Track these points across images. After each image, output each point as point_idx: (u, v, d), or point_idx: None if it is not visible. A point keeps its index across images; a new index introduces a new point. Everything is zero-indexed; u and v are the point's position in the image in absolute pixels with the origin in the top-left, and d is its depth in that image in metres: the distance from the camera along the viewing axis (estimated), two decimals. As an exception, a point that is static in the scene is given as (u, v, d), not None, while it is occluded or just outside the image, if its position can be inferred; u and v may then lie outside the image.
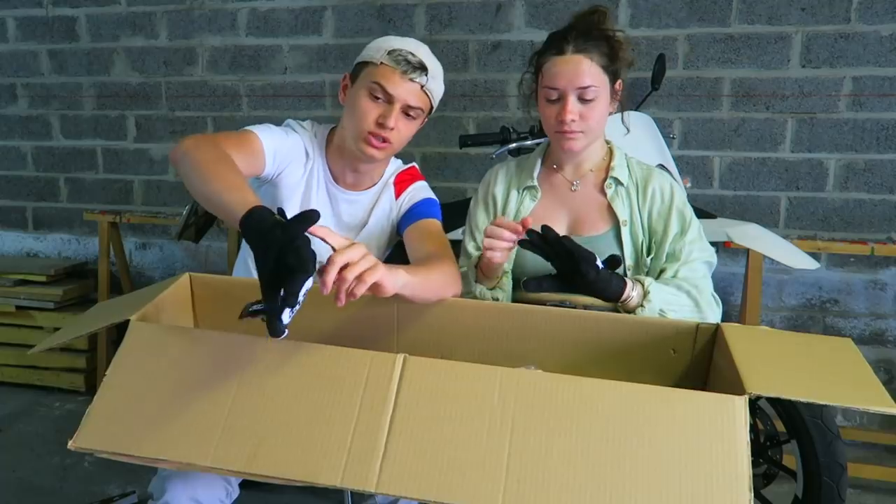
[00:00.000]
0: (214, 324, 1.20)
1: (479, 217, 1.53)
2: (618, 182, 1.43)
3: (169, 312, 1.18)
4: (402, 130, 1.38)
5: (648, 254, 1.39)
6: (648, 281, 1.31)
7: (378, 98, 1.34)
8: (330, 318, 1.19)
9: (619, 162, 1.45)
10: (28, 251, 3.43)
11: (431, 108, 1.43)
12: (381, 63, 1.34)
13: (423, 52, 1.37)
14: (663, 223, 1.39)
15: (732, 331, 1.08)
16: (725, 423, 0.87)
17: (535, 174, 1.48)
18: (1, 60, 3.27)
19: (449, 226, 2.04)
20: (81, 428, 0.95)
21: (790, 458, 1.74)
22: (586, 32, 1.34)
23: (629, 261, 1.39)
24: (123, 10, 3.08)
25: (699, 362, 1.14)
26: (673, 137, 2.60)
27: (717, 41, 2.55)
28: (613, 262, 1.29)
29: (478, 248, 1.49)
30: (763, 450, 1.83)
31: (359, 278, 0.95)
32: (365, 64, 1.37)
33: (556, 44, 1.35)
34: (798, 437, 1.68)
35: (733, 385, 0.93)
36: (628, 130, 1.81)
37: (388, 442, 0.90)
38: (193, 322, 1.27)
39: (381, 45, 1.36)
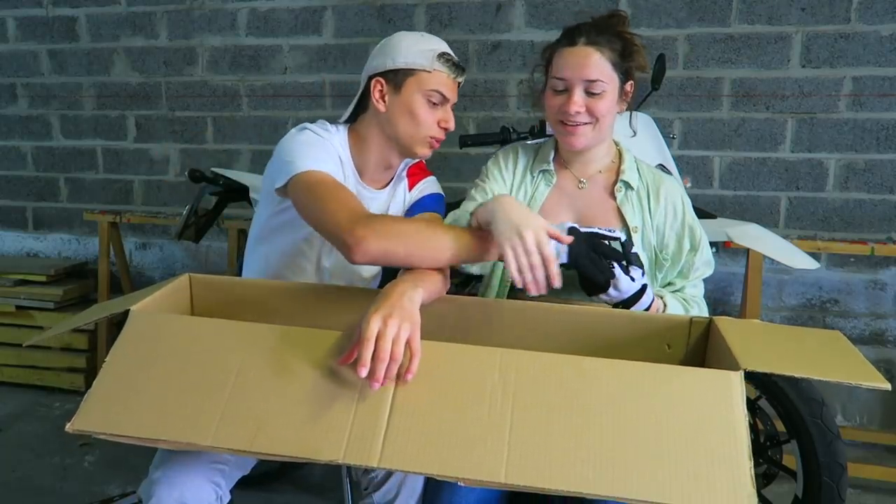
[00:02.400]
0: (214, 321, 1.20)
1: (494, 177, 1.48)
2: (628, 186, 1.41)
3: (167, 310, 1.18)
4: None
5: (665, 262, 1.39)
6: (668, 298, 1.33)
7: (436, 104, 1.39)
8: (327, 319, 1.19)
9: (630, 165, 1.43)
10: (28, 251, 3.42)
11: None
12: (435, 70, 1.36)
13: (450, 49, 1.42)
14: (676, 239, 1.39)
15: (726, 323, 1.10)
16: (723, 397, 0.88)
17: (551, 159, 1.46)
18: (1, 60, 3.26)
19: (446, 226, 2.06)
20: (80, 410, 0.94)
21: (790, 458, 1.74)
22: (600, 29, 1.33)
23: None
24: (123, 10, 3.07)
25: (694, 356, 1.16)
26: (673, 137, 2.59)
27: (717, 41, 2.54)
28: (627, 245, 1.22)
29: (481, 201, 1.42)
30: (763, 450, 1.83)
31: (393, 354, 0.94)
32: (412, 71, 1.37)
33: (567, 35, 1.34)
34: (798, 437, 1.68)
35: (729, 367, 0.94)
36: (634, 133, 1.80)
37: (390, 418, 0.90)
38: (192, 318, 1.28)
39: (425, 49, 1.37)
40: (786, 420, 1.71)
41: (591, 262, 1.15)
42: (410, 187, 1.54)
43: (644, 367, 0.93)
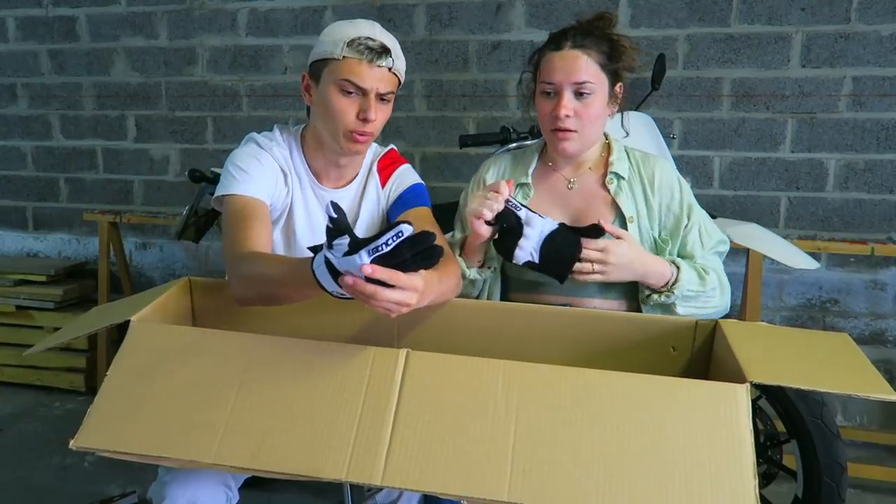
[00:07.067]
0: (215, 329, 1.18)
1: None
2: (619, 177, 1.40)
3: (168, 317, 1.19)
4: (381, 118, 1.34)
5: (665, 244, 1.39)
6: (682, 263, 1.31)
7: (351, 93, 1.30)
8: (329, 324, 1.20)
9: (618, 155, 1.42)
10: (28, 251, 3.43)
11: (399, 83, 1.38)
12: (344, 57, 1.28)
13: (379, 33, 1.32)
14: (675, 219, 1.39)
15: (731, 327, 1.09)
16: (728, 411, 0.88)
17: (530, 171, 1.46)
18: (1, 60, 3.26)
19: (448, 227, 2.06)
20: (83, 427, 0.95)
21: (790, 457, 1.74)
22: (587, 31, 1.33)
23: None
24: (123, 10, 3.08)
25: (699, 359, 1.15)
26: (673, 137, 2.59)
27: (717, 41, 2.54)
28: (596, 229, 1.26)
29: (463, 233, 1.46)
30: (763, 449, 1.83)
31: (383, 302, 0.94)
32: (326, 61, 1.31)
33: (554, 40, 1.34)
34: (798, 437, 1.69)
35: (734, 376, 0.94)
36: (627, 134, 1.79)
37: (392, 435, 0.90)
38: (192, 326, 1.28)
39: (337, 38, 1.30)
40: (786, 420, 1.71)
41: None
42: (383, 183, 1.48)
43: (649, 380, 0.92)
